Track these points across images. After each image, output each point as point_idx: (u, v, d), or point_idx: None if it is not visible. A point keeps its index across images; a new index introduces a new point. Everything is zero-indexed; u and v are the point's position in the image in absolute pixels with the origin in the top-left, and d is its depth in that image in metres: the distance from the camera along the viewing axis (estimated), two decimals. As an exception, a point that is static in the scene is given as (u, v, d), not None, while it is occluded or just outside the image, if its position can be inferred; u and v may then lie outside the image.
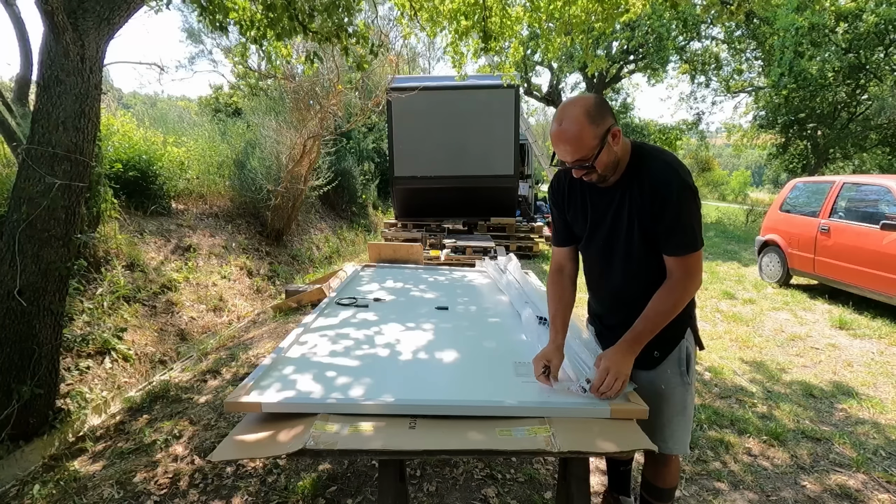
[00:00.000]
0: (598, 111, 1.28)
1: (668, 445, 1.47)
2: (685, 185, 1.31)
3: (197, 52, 29.63)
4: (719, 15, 6.65)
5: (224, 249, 6.32)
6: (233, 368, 3.58)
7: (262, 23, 3.42)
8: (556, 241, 1.63)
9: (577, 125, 1.27)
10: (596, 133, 1.27)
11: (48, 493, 2.23)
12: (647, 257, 1.40)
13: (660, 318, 1.35)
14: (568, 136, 1.28)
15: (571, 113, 1.28)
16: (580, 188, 1.49)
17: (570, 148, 1.29)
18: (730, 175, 33.61)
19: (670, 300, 1.35)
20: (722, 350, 3.95)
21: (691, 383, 1.48)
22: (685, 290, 1.35)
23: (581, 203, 1.50)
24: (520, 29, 5.36)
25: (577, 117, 1.27)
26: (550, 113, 31.09)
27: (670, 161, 1.35)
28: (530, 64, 17.10)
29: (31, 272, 2.47)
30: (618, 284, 1.49)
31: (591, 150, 1.28)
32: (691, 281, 1.35)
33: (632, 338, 1.36)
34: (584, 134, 1.27)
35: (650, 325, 1.35)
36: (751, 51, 14.81)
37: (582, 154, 1.29)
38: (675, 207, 1.31)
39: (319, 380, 1.51)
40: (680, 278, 1.35)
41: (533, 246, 8.17)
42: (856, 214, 5.11)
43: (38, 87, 2.47)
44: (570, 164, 1.33)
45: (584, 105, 1.28)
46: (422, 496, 2.06)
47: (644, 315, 1.36)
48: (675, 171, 1.31)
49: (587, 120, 1.27)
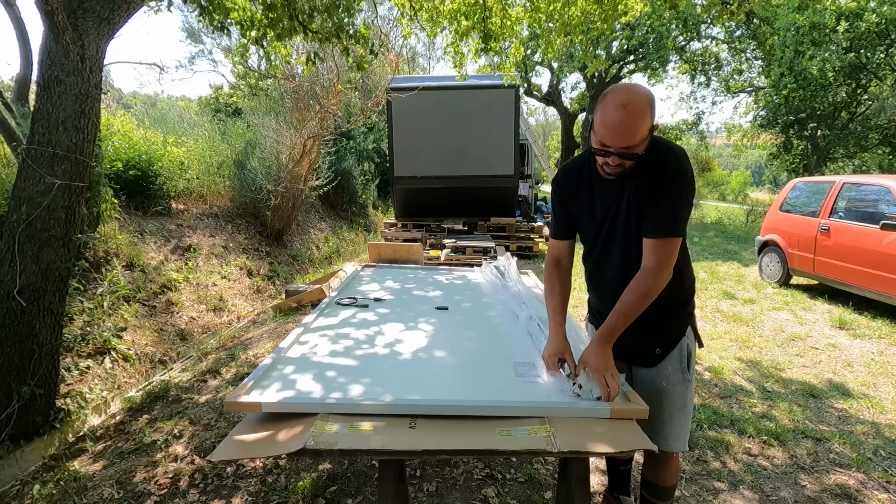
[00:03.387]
0: (654, 104, 1.28)
1: (668, 443, 1.48)
2: (681, 171, 1.32)
3: (197, 52, 29.67)
4: (719, 15, 6.65)
5: (224, 249, 6.32)
6: (233, 368, 3.58)
7: (262, 23, 3.42)
8: (555, 234, 1.62)
9: (641, 114, 1.24)
10: (649, 126, 1.27)
11: (48, 493, 2.23)
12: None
13: (631, 310, 1.35)
14: (629, 123, 1.24)
15: (636, 100, 1.25)
16: (588, 182, 1.48)
17: (626, 134, 1.25)
18: (730, 175, 33.58)
19: (639, 291, 1.34)
20: (722, 350, 3.95)
21: (692, 380, 1.50)
22: (655, 279, 1.34)
23: (588, 196, 1.50)
24: (520, 29, 5.36)
25: (641, 106, 1.25)
26: (551, 113, 31.12)
27: (673, 147, 1.36)
28: (530, 64, 17.09)
29: (31, 272, 2.47)
30: (617, 273, 1.48)
31: (642, 141, 1.28)
32: (662, 272, 1.34)
33: (605, 333, 1.37)
34: (644, 124, 1.25)
35: (622, 319, 1.36)
36: (751, 51, 14.80)
37: (633, 142, 1.27)
38: (664, 187, 1.32)
39: (319, 380, 1.51)
40: (651, 267, 1.34)
41: (533, 246, 8.18)
42: (856, 214, 5.11)
43: (38, 87, 2.47)
44: (614, 151, 1.28)
45: (648, 96, 1.27)
46: (422, 496, 2.07)
47: (616, 309, 1.37)
48: (676, 157, 1.33)
49: (649, 110, 1.26)
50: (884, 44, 11.22)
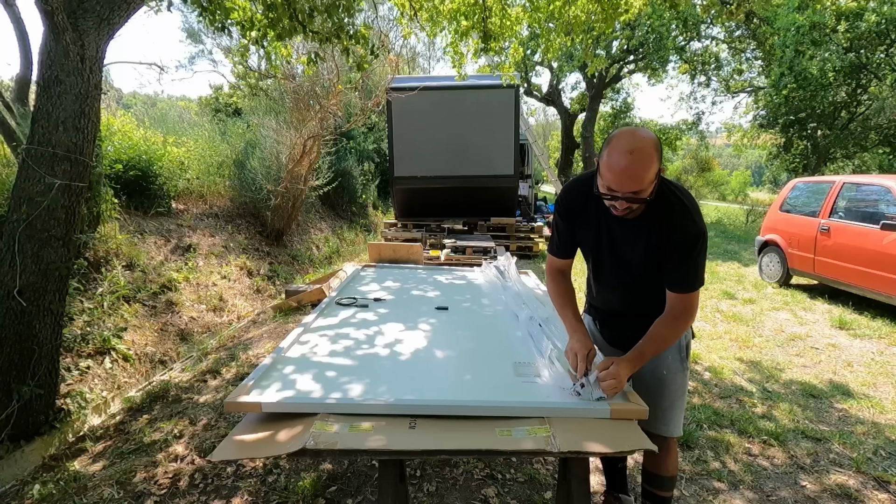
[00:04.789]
0: (660, 149, 1.30)
1: (669, 429, 1.57)
2: (699, 233, 1.38)
3: (197, 52, 29.66)
4: (719, 15, 6.65)
5: (224, 249, 6.32)
6: (233, 368, 3.58)
7: (262, 23, 3.42)
8: (558, 253, 1.64)
9: (648, 159, 1.25)
10: (656, 170, 1.28)
11: (48, 493, 2.23)
12: (657, 280, 1.48)
13: (662, 343, 1.45)
14: (635, 169, 1.25)
15: (642, 146, 1.25)
16: (596, 209, 1.48)
17: (634, 180, 1.26)
18: (730, 175, 33.58)
19: (671, 330, 1.44)
20: (722, 350, 3.95)
21: (688, 368, 1.62)
22: (685, 323, 1.46)
23: (596, 225, 1.51)
24: (520, 29, 5.36)
25: (648, 151, 1.25)
26: (551, 113, 31.12)
27: (689, 207, 1.39)
28: (530, 64, 17.10)
29: (31, 272, 2.47)
30: (624, 296, 1.61)
31: (650, 185, 1.29)
32: (689, 315, 1.45)
33: (637, 355, 1.42)
34: (651, 168, 1.26)
35: (652, 348, 1.44)
36: (751, 51, 14.81)
37: (641, 187, 1.27)
38: (686, 251, 1.38)
39: (319, 380, 1.51)
40: (680, 313, 1.44)
41: (533, 246, 8.18)
42: (856, 214, 5.11)
43: (38, 87, 2.47)
44: (622, 195, 1.29)
45: (654, 140, 1.28)
46: (422, 496, 2.07)
47: (649, 338, 1.43)
48: (692, 219, 1.38)
49: (655, 155, 1.26)
50: (884, 44, 11.22)
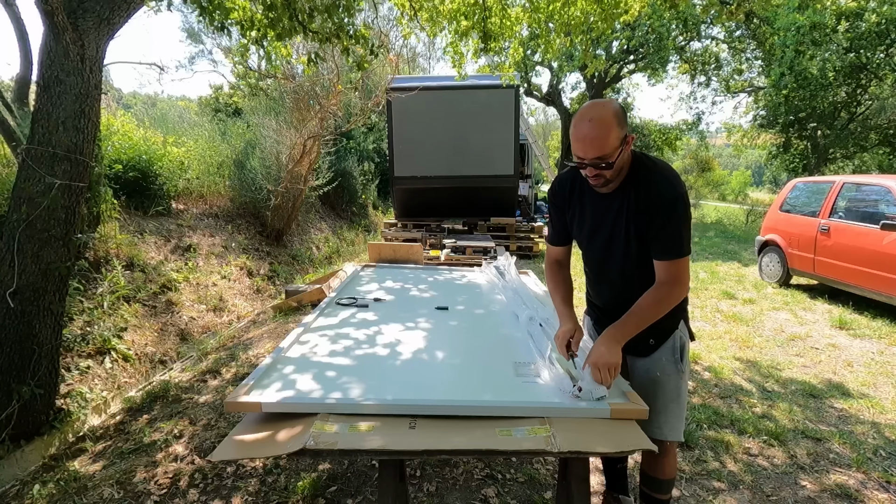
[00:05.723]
0: (622, 116, 1.36)
1: (662, 432, 1.53)
2: (678, 196, 1.39)
3: (197, 52, 29.71)
4: (719, 15, 6.65)
5: (224, 249, 6.31)
6: (233, 368, 3.58)
7: (262, 23, 3.42)
8: (553, 241, 1.72)
9: (606, 124, 1.33)
10: (618, 135, 1.35)
11: (48, 493, 2.23)
12: (643, 259, 1.47)
13: (645, 314, 1.42)
14: (596, 134, 1.33)
15: (601, 113, 1.34)
16: (580, 193, 1.56)
17: (595, 144, 1.34)
18: (730, 175, 33.56)
19: (655, 301, 1.42)
20: (722, 350, 3.95)
21: (685, 371, 1.56)
22: (670, 293, 1.42)
23: (580, 207, 1.57)
24: (519, 29, 5.35)
25: (607, 117, 1.33)
26: (551, 113, 31.14)
27: (667, 175, 1.42)
28: (530, 64, 17.08)
29: (31, 272, 2.47)
30: (616, 282, 1.57)
31: (614, 150, 1.34)
32: (677, 285, 1.42)
33: (617, 330, 1.42)
34: (610, 133, 1.33)
35: (635, 320, 1.42)
36: (751, 51, 14.80)
37: (604, 152, 1.34)
38: (666, 216, 1.39)
39: (319, 380, 1.52)
40: (666, 282, 1.42)
41: (533, 246, 8.18)
42: (856, 214, 5.11)
43: (38, 87, 2.47)
44: (588, 162, 1.37)
45: (612, 107, 1.36)
46: (422, 496, 2.07)
47: (631, 310, 1.43)
48: (671, 185, 1.40)
49: (615, 121, 1.34)
50: (884, 44, 11.21)
